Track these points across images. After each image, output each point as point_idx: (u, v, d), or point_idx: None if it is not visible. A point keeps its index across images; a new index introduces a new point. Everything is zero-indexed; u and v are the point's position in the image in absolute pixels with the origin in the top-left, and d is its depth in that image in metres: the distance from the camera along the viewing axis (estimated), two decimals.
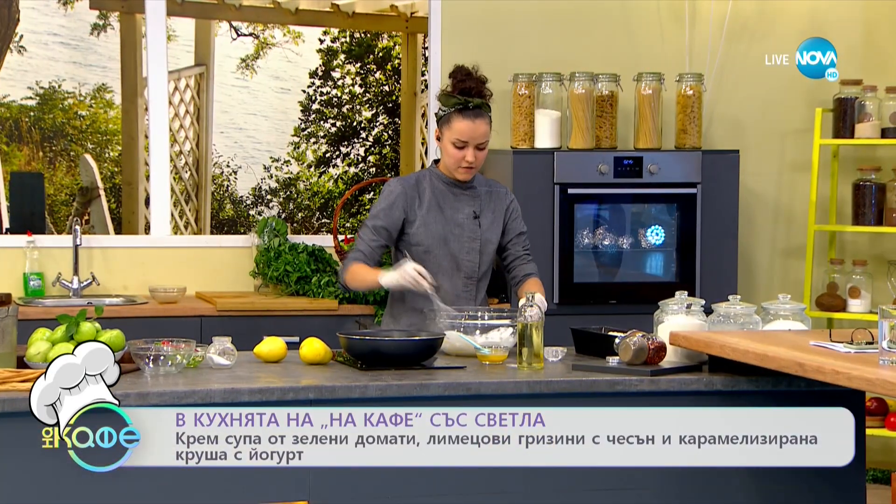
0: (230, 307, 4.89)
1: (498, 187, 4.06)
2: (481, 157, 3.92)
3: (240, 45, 5.43)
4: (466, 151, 3.88)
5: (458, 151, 3.89)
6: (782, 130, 5.80)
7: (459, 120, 3.87)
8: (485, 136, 3.90)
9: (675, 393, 3.35)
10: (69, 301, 5.02)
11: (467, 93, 3.89)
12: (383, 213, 3.91)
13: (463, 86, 3.90)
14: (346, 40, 5.52)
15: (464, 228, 3.94)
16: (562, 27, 5.57)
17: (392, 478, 3.21)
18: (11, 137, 5.22)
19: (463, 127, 3.87)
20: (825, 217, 5.73)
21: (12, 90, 5.20)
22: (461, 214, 3.95)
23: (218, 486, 3.11)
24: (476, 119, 3.88)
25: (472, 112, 3.88)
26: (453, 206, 3.95)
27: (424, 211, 3.92)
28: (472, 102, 3.87)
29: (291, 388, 3.17)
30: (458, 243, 3.93)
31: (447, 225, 3.93)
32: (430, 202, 3.94)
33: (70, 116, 5.28)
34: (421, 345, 3.51)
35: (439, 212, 3.94)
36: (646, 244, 5.33)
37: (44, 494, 3.02)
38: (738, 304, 3.59)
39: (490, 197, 4.02)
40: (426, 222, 3.91)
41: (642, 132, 5.38)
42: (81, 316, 3.26)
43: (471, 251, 3.94)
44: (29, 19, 5.20)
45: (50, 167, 5.26)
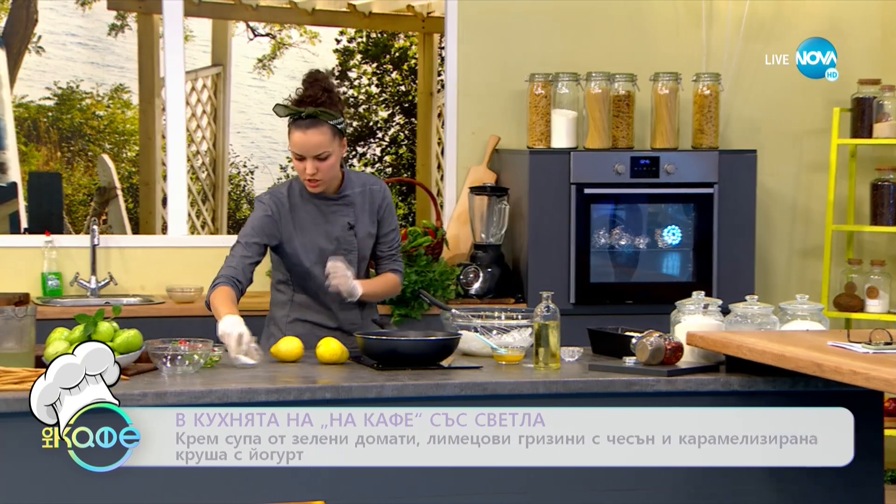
0: (247, 307, 4.88)
1: (372, 184, 3.88)
2: (325, 167, 3.69)
3: (256, 45, 5.44)
4: (306, 163, 3.69)
5: (299, 163, 3.70)
6: (800, 130, 5.78)
7: (293, 131, 3.69)
8: (321, 147, 3.66)
9: (692, 393, 3.34)
10: (87, 301, 5.04)
11: (303, 102, 3.69)
12: (256, 232, 3.74)
13: (305, 94, 3.71)
14: (362, 40, 5.52)
15: (340, 242, 3.79)
16: (578, 27, 5.56)
17: (408, 478, 3.21)
18: (30, 137, 5.24)
19: (296, 138, 3.67)
20: (843, 217, 5.71)
21: (31, 90, 5.23)
22: (336, 227, 3.80)
23: (234, 483, 3.12)
24: (308, 129, 3.65)
25: (305, 122, 3.66)
26: (328, 220, 3.80)
27: (298, 232, 3.77)
28: (304, 112, 3.66)
29: (308, 387, 3.18)
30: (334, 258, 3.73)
31: (321, 241, 3.77)
32: (303, 218, 3.78)
33: (88, 117, 5.30)
34: (437, 345, 3.51)
35: (313, 227, 3.78)
36: (662, 244, 5.32)
37: (51, 494, 3.03)
38: (756, 305, 3.58)
39: (364, 198, 3.84)
40: (301, 241, 3.76)
41: (659, 132, 5.36)
42: (99, 316, 3.27)
43: (350, 263, 3.76)
44: (47, 20, 5.22)
45: (68, 167, 5.28)
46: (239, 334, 3.44)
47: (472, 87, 5.52)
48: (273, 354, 3.56)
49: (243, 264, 3.74)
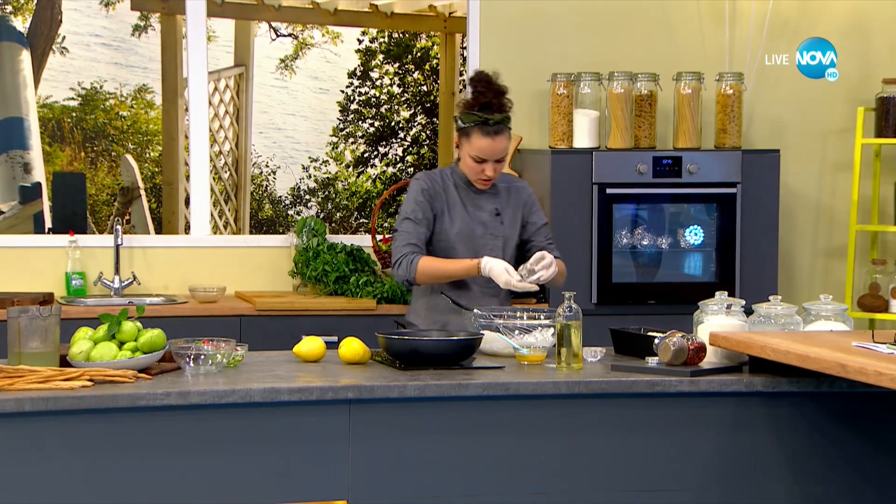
0: (269, 307, 4.91)
1: (515, 182, 4.07)
2: (500, 168, 3.93)
3: (279, 45, 5.45)
4: (485, 166, 3.88)
5: (476, 165, 3.89)
6: (823, 130, 5.76)
7: (479, 137, 3.85)
8: (504, 152, 3.90)
9: (715, 394, 3.33)
10: (110, 300, 5.06)
11: (487, 107, 3.84)
12: (420, 206, 3.91)
13: (483, 99, 3.85)
14: (384, 40, 5.53)
15: (487, 226, 3.95)
16: (600, 27, 5.55)
17: (431, 477, 3.21)
18: (54, 138, 5.27)
19: (482, 144, 3.85)
20: (867, 217, 5.68)
21: (55, 91, 5.25)
22: (484, 212, 3.96)
23: (255, 484, 3.12)
24: (496, 136, 3.85)
25: (493, 129, 3.85)
26: (476, 204, 3.96)
27: (449, 209, 3.93)
28: (491, 119, 3.84)
29: (331, 387, 3.18)
30: (481, 241, 3.94)
31: (471, 223, 3.94)
32: (454, 200, 3.94)
33: (111, 117, 5.32)
34: (459, 345, 3.51)
35: (463, 210, 3.94)
36: (685, 244, 5.30)
37: (80, 491, 3.04)
38: (779, 305, 3.57)
39: (509, 193, 4.02)
40: (451, 220, 3.92)
41: (681, 132, 5.35)
42: (123, 315, 3.28)
43: (494, 248, 3.95)
44: (71, 21, 5.25)
45: (91, 167, 5.31)
46: (505, 268, 3.71)
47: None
48: (295, 354, 3.57)
49: (419, 237, 3.88)
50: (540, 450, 3.27)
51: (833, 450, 3.38)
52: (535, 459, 3.26)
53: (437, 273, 3.84)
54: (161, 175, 5.37)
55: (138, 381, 3.15)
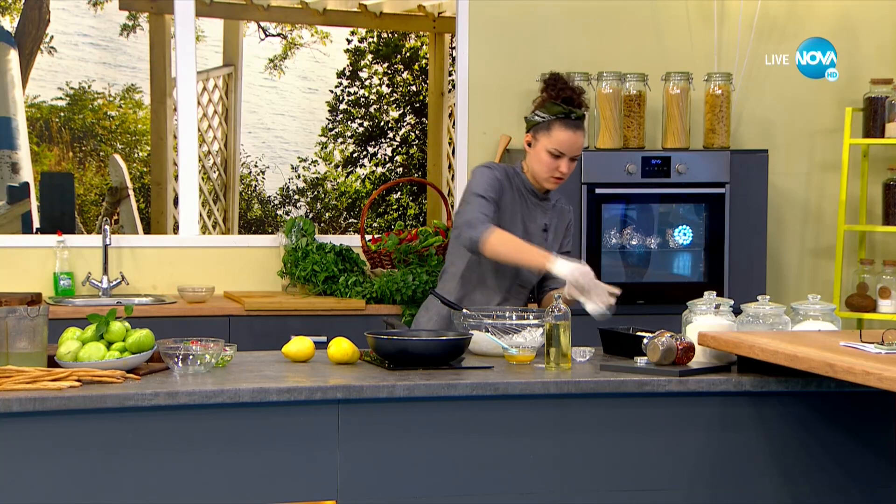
0: (258, 307, 4.91)
1: (563, 203, 4.03)
2: (572, 168, 3.87)
3: (268, 45, 5.44)
4: (561, 161, 3.82)
5: (552, 160, 3.82)
6: (811, 130, 5.77)
7: (561, 129, 3.80)
8: (580, 150, 3.86)
9: (704, 394, 3.34)
10: (99, 300, 5.05)
11: (570, 101, 3.82)
12: (493, 188, 3.81)
13: (564, 94, 3.82)
14: (373, 40, 5.53)
15: (533, 239, 3.87)
16: (589, 27, 5.56)
17: (420, 477, 3.21)
18: (42, 138, 5.25)
19: (564, 137, 3.80)
20: (855, 217, 5.70)
21: (43, 91, 5.24)
22: (534, 225, 3.92)
23: (245, 485, 3.12)
24: (577, 130, 3.82)
25: (575, 123, 3.81)
26: (529, 216, 3.91)
27: (508, 210, 3.87)
28: (575, 113, 3.81)
29: (319, 387, 3.18)
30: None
31: (522, 234, 3.86)
32: (515, 204, 3.89)
33: (100, 117, 5.31)
34: (448, 345, 3.51)
35: (519, 217, 3.89)
36: (674, 244, 5.31)
37: (66, 493, 3.04)
38: (768, 305, 3.57)
39: (556, 212, 3.98)
40: (504, 223, 3.84)
41: (670, 132, 5.36)
42: (111, 315, 3.27)
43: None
44: (59, 20, 5.24)
45: (80, 167, 5.30)
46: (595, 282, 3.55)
47: (483, 87, 5.52)
48: (284, 354, 3.56)
49: (490, 213, 3.76)
50: (529, 450, 3.27)
51: (821, 449, 3.39)
52: (525, 459, 3.27)
53: (511, 245, 3.66)
54: (149, 175, 5.36)
55: (126, 382, 3.15)
